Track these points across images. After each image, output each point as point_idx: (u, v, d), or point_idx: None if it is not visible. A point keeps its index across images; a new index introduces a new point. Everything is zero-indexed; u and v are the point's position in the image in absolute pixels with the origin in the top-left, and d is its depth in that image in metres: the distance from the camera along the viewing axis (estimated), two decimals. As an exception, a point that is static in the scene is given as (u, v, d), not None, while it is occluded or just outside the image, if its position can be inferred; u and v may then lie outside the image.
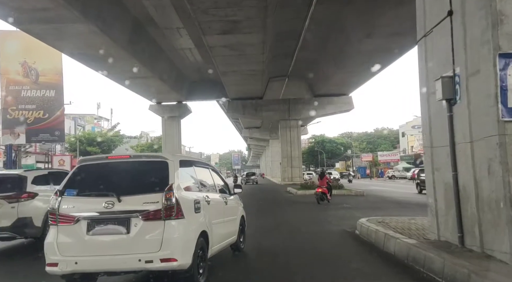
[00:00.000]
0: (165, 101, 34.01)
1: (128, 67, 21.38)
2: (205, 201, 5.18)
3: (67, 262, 4.30)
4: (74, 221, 4.40)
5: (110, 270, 4.43)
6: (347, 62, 23.84)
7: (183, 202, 4.51)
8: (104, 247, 4.34)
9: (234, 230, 6.43)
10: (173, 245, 4.29)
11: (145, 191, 4.47)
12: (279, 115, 34.83)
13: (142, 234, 4.28)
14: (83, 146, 35.82)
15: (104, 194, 4.47)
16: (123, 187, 4.61)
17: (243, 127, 64.79)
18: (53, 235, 4.46)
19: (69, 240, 4.40)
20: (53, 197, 4.63)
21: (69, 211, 4.46)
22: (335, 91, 32.74)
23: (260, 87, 30.75)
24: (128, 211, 4.33)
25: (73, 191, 4.66)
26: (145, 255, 4.22)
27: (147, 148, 51.87)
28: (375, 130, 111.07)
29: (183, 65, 29.15)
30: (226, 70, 23.98)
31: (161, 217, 4.32)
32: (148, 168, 4.84)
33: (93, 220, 4.39)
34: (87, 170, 4.90)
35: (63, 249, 4.38)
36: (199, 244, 4.68)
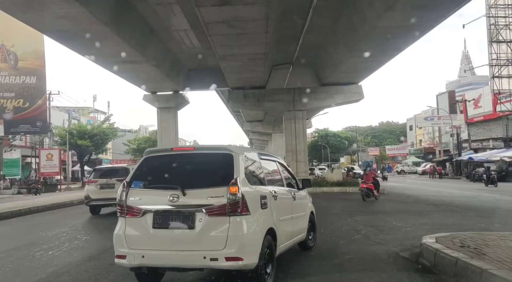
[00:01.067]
0: (160, 91, 31.62)
1: (114, 49, 18.99)
2: (272, 196, 4.99)
3: (135, 255, 4.31)
4: (141, 214, 4.40)
5: (175, 266, 4.34)
6: (360, 44, 21.35)
7: (249, 197, 4.37)
8: (169, 242, 4.31)
9: (303, 227, 6.18)
10: (238, 243, 4.14)
11: (210, 184, 4.38)
12: (283, 106, 32.43)
13: (207, 230, 4.19)
14: (74, 139, 33.47)
15: (169, 187, 4.42)
16: (188, 180, 4.54)
17: (244, 121, 62.64)
18: (121, 227, 4.51)
19: (136, 232, 4.42)
20: (120, 188, 4.65)
21: (135, 203, 4.48)
22: (344, 80, 30.33)
23: (263, 75, 28.28)
24: (193, 205, 4.26)
25: (140, 183, 4.66)
26: (210, 253, 4.12)
27: (144, 141, 49.64)
28: (380, 124, 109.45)
29: (179, 50, 26.70)
30: (225, 54, 21.51)
31: (226, 213, 4.21)
32: (213, 160, 4.72)
33: (158, 214, 4.38)
34: (152, 161, 4.88)
35: (130, 242, 4.40)
36: (266, 242, 4.50)
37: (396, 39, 20.09)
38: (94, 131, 34.42)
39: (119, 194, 4.65)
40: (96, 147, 35.45)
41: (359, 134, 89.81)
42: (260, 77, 29.11)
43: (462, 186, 28.33)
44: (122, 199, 4.60)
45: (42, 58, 24.96)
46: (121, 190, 4.68)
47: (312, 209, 6.82)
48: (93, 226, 11.62)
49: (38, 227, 11.01)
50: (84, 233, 9.89)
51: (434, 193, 18.48)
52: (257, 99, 32.37)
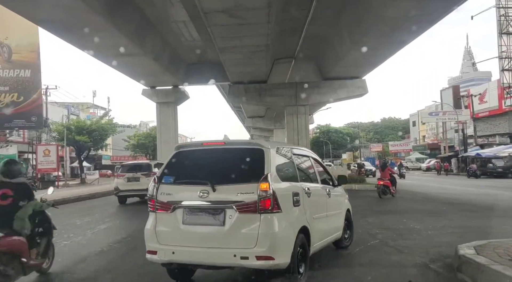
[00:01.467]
0: (160, 86, 30.97)
1: (111, 41, 18.32)
2: (305, 193, 4.86)
3: (165, 251, 4.30)
4: (171, 209, 4.39)
5: (205, 263, 4.29)
6: (365, 36, 20.64)
7: (280, 194, 4.24)
8: (199, 239, 4.24)
9: (338, 225, 5.98)
10: (269, 241, 4.02)
11: (240, 180, 4.30)
12: (285, 100, 31.73)
13: (237, 228, 4.11)
14: (72, 135, 32.83)
15: (199, 182, 4.34)
16: (218, 175, 4.45)
17: (245, 117, 62.02)
18: (152, 222, 4.52)
19: (166, 228, 4.42)
20: (151, 183, 4.66)
21: (166, 199, 4.46)
22: (348, 74, 29.60)
23: (265, 68, 27.61)
24: (223, 201, 4.19)
25: (170, 178, 4.62)
26: (240, 251, 4.03)
27: (144, 137, 49.06)
28: (382, 120, 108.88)
29: (178, 43, 26.03)
30: (225, 46, 20.84)
31: (256, 210, 4.12)
32: (243, 155, 4.56)
33: (188, 209, 4.36)
34: (183, 156, 4.79)
35: (161, 237, 4.39)
36: (299, 241, 4.38)
37: (402, 31, 19.34)
38: (92, 127, 33.79)
39: (150, 189, 4.65)
40: (95, 142, 34.81)
41: (361, 130, 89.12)
42: (262, 71, 28.41)
43: (468, 182, 27.77)
44: (152, 194, 4.58)
45: (37, 51, 24.23)
46: (152, 185, 4.64)
47: (348, 206, 6.63)
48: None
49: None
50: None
51: (442, 189, 17.83)
52: (259, 94, 31.66)
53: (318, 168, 6.00)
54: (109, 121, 37.50)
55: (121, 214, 11.08)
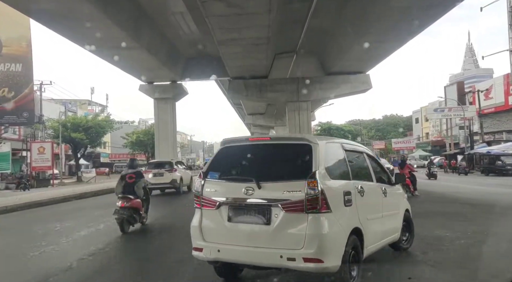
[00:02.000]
0: (157, 81, 30.07)
1: (103, 33, 17.42)
2: (357, 192, 4.56)
3: (211, 249, 4.23)
4: (216, 206, 4.30)
5: (250, 263, 4.19)
6: (370, 28, 19.76)
7: (330, 192, 4.02)
8: (244, 237, 4.13)
9: (395, 227, 5.61)
10: (317, 243, 3.81)
11: (286, 177, 4.14)
12: (286, 96, 30.84)
13: (283, 227, 3.95)
14: (68, 132, 31.97)
15: (244, 179, 4.24)
16: (263, 172, 4.33)
17: (246, 114, 61.14)
18: (198, 219, 4.43)
19: (212, 225, 4.34)
20: (197, 179, 4.62)
21: (211, 195, 4.38)
22: (351, 69, 28.71)
23: (265, 63, 26.69)
24: (268, 199, 4.04)
25: (215, 174, 4.52)
26: (286, 252, 3.87)
27: (143, 134, 48.23)
28: (384, 117, 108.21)
29: (176, 37, 25.12)
30: (224, 38, 19.92)
31: (303, 209, 3.92)
32: (290, 151, 4.45)
33: (233, 206, 4.25)
34: (228, 152, 4.71)
35: (207, 235, 4.31)
36: (351, 243, 4.11)
37: (410, 22, 18.47)
38: (88, 123, 32.93)
39: (195, 185, 4.59)
40: (91, 140, 33.95)
41: (363, 128, 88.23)
42: (262, 66, 27.51)
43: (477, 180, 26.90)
44: (198, 190, 4.50)
45: (29, 44, 23.27)
46: (198, 181, 4.59)
47: (407, 206, 6.15)
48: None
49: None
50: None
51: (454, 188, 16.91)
52: (259, 90, 30.76)
53: (373, 164, 5.50)
54: (106, 118, 36.61)
55: (108, 217, 10.00)
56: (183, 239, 5.66)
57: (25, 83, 23.51)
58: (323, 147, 4.38)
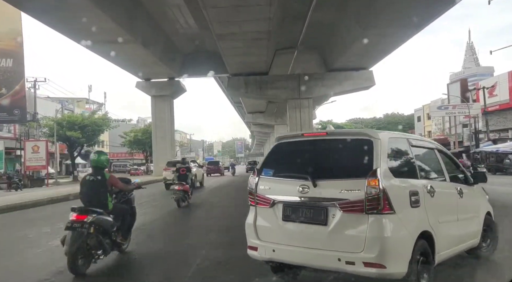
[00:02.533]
0: (154, 78, 29.31)
1: (95, 25, 16.67)
2: (426, 192, 4.11)
3: (266, 248, 4.13)
4: (270, 204, 4.19)
5: (306, 265, 4.06)
6: (375, 21, 18.94)
7: (393, 192, 3.69)
8: (299, 237, 3.99)
9: (473, 231, 4.97)
10: (379, 247, 3.54)
11: (344, 175, 3.90)
12: (287, 93, 30.01)
13: (341, 228, 3.73)
14: (63, 130, 31.16)
15: (299, 176, 4.04)
16: (319, 169, 4.11)
17: (246, 112, 60.41)
18: (253, 217, 4.34)
19: (266, 224, 4.22)
20: (251, 176, 4.48)
21: (265, 193, 4.28)
22: (354, 65, 27.90)
23: (266, 59, 25.92)
24: (325, 198, 3.86)
25: (270, 171, 4.43)
26: (345, 255, 3.65)
27: (141, 133, 47.41)
28: (385, 116, 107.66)
29: (173, 31, 24.35)
30: (223, 32, 19.16)
31: (363, 210, 3.63)
32: (348, 147, 4.14)
33: (287, 205, 4.10)
34: (282, 148, 4.58)
35: (261, 233, 4.23)
36: (419, 248, 3.75)
37: (415, 14, 17.72)
38: (84, 122, 32.15)
39: (250, 182, 4.45)
40: (88, 138, 33.16)
41: (364, 126, 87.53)
42: (262, 62, 26.74)
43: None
44: (252, 188, 4.39)
45: (20, 38, 22.46)
46: (252, 178, 4.45)
47: (488, 209, 5.56)
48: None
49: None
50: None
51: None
52: (259, 87, 29.96)
53: (446, 161, 5.00)
54: (103, 116, 35.82)
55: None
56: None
57: (16, 80, 22.69)
58: (386, 142, 4.04)
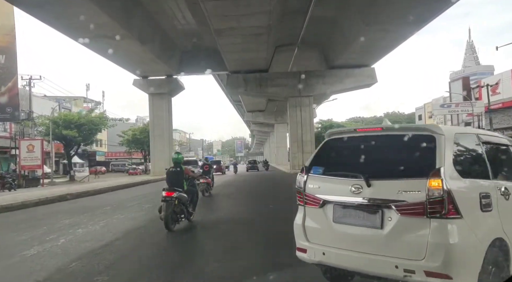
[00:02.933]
0: (152, 75, 28.68)
1: (90, 19, 15.99)
2: (500, 195, 3.68)
3: (315, 251, 3.90)
4: (320, 204, 3.95)
5: (359, 270, 3.68)
6: (378, 15, 18.42)
7: (460, 194, 3.28)
8: (351, 241, 3.69)
9: None
10: (443, 255, 3.14)
11: (402, 174, 3.48)
12: (287, 91, 29.47)
13: (399, 233, 3.37)
14: (59, 129, 30.55)
15: (351, 175, 3.73)
16: (373, 167, 3.75)
17: (245, 111, 59.91)
18: (301, 217, 4.13)
19: (315, 225, 3.99)
20: (299, 174, 4.26)
21: (314, 192, 4.04)
22: (356, 62, 27.36)
23: (265, 55, 25.36)
24: (380, 199, 3.51)
25: (319, 168, 4.15)
26: (403, 262, 3.29)
27: (140, 132, 46.78)
28: (385, 115, 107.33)
29: (171, 27, 23.74)
30: (221, 27, 18.59)
31: (424, 213, 3.23)
32: (407, 143, 3.69)
33: (339, 206, 3.83)
34: (333, 145, 4.29)
35: (310, 235, 4.03)
36: (491, 258, 3.30)
37: (421, 8, 17.18)
38: (81, 120, 31.53)
39: (298, 180, 4.24)
40: (84, 137, 32.56)
41: (365, 125, 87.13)
42: (262, 59, 26.18)
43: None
44: (300, 186, 4.16)
45: (12, 34, 21.79)
46: (300, 176, 4.22)
47: None
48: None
49: None
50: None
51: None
52: (259, 84, 29.42)
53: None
54: (100, 115, 35.17)
55: (75, 228, 7.98)
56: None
57: (9, 77, 22.07)
58: (451, 138, 3.62)
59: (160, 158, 30.16)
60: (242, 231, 7.90)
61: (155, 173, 30.10)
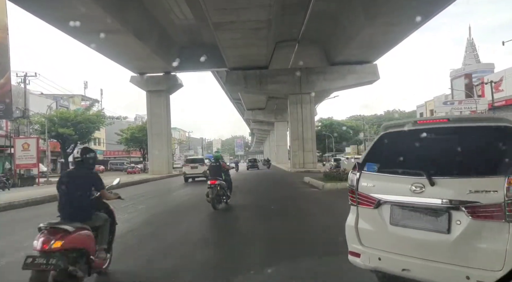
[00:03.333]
0: (150, 72, 28.08)
1: (82, 11, 15.44)
2: None
3: (370, 256, 3.56)
4: (375, 205, 3.59)
5: (421, 279, 3.24)
6: (382, 8, 17.83)
7: None
8: (412, 246, 3.30)
9: None
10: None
11: (472, 172, 3.09)
12: (288, 88, 28.90)
13: (470, 238, 3.00)
14: (55, 127, 29.96)
15: (411, 173, 3.33)
16: (437, 164, 3.34)
17: (245, 109, 59.32)
18: (353, 218, 3.82)
19: (370, 227, 3.65)
20: (352, 172, 3.91)
21: (369, 191, 3.68)
22: (357, 58, 26.79)
23: (265, 51, 24.78)
24: (446, 200, 3.10)
25: (374, 165, 3.79)
26: (476, 272, 2.90)
27: (138, 130, 46.21)
28: (386, 113, 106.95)
29: (168, 22, 23.14)
30: (220, 21, 17.98)
31: (502, 216, 2.86)
32: (479, 137, 3.30)
33: (397, 206, 3.45)
34: (391, 138, 3.86)
35: (365, 238, 3.70)
36: None
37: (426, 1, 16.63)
38: (77, 118, 30.95)
39: (350, 178, 3.86)
40: (81, 136, 31.98)
41: (365, 123, 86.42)
42: (262, 55, 25.59)
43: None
44: (353, 185, 3.77)
45: (5, 29, 21.15)
46: (352, 173, 3.82)
47: None
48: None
49: None
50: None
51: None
52: (259, 81, 28.83)
53: None
54: (97, 113, 34.58)
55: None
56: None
57: (1, 73, 21.45)
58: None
59: (159, 157, 29.59)
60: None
61: (154, 172, 29.51)
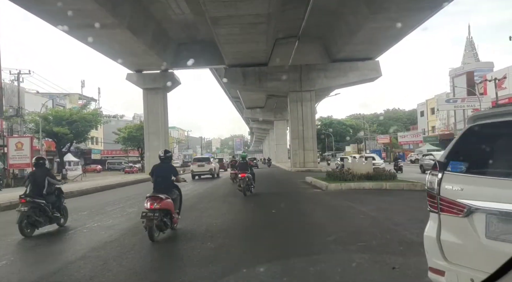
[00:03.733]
0: (146, 69, 27.39)
1: (75, 6, 14.75)
2: None
3: (458, 275, 2.91)
4: (464, 213, 2.91)
5: None
6: (385, 2, 17.17)
7: None
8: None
9: None
10: None
11: None
12: (288, 86, 28.22)
13: None
14: (50, 126, 29.27)
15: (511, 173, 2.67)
16: None
17: (244, 108, 58.66)
18: (435, 228, 3.15)
19: (457, 240, 2.99)
20: (431, 172, 3.23)
21: (455, 195, 2.97)
22: (359, 55, 26.14)
23: (265, 48, 24.10)
24: None
25: (461, 164, 3.05)
26: None
27: (136, 129, 45.50)
28: (386, 111, 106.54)
29: (164, 17, 22.43)
30: (218, 15, 17.32)
31: None
32: None
33: (495, 216, 2.75)
34: (481, 132, 3.15)
35: (449, 252, 3.03)
36: None
37: None
38: (73, 117, 30.26)
39: (428, 180, 3.20)
40: (77, 135, 31.30)
41: (365, 122, 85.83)
42: (261, 51, 24.93)
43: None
44: (433, 188, 3.10)
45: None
46: (431, 174, 3.16)
47: None
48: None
49: None
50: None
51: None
52: (258, 79, 28.15)
53: None
54: (93, 112, 33.87)
55: (20, 248, 6.15)
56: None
57: (-10, 70, 20.84)
58: None
59: (156, 156, 28.67)
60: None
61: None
